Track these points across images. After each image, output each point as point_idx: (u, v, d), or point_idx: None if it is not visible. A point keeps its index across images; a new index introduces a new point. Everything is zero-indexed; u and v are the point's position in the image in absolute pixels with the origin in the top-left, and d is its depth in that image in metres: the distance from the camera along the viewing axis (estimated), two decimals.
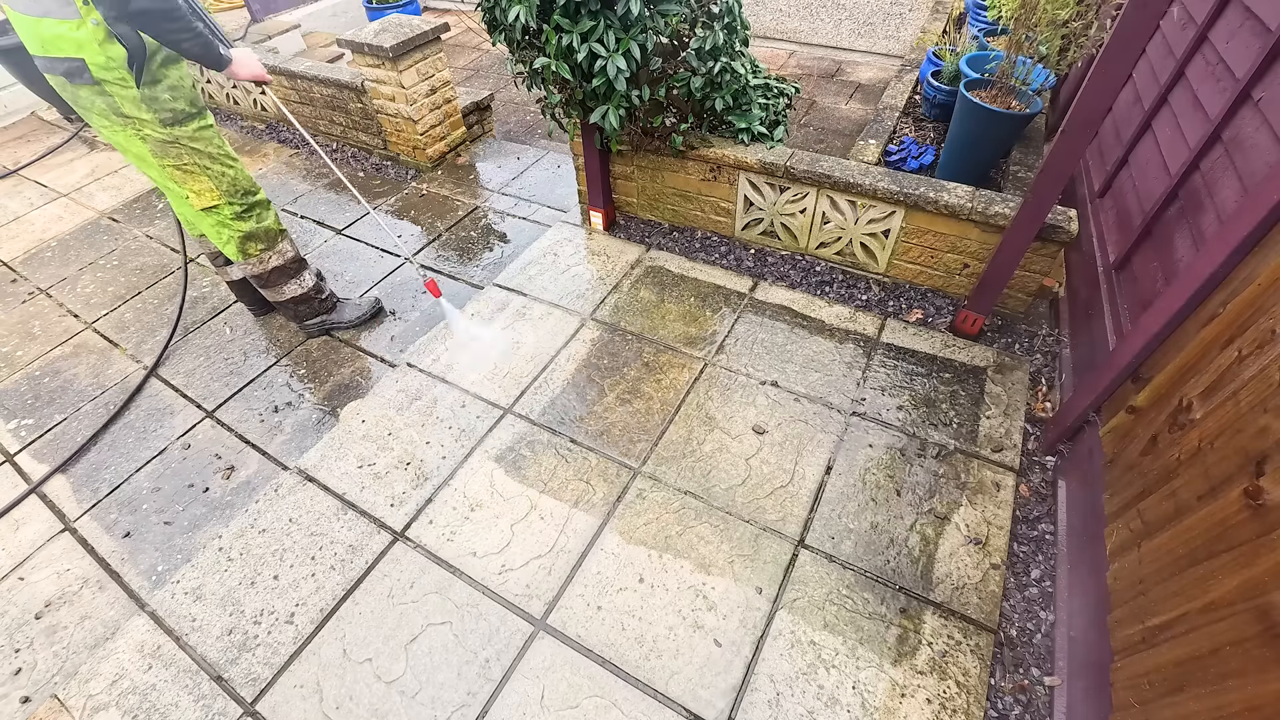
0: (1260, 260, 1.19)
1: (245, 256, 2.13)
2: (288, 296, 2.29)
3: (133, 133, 1.79)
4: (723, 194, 2.55)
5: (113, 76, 1.67)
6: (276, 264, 2.19)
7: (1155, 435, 1.35)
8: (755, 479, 1.81)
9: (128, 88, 1.70)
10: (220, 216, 2.02)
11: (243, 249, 2.10)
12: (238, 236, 2.07)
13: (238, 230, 2.06)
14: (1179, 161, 1.75)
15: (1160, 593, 1.16)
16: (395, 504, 1.81)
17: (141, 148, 1.83)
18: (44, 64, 1.67)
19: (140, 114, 1.75)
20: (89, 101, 1.73)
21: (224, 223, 2.03)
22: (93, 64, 1.63)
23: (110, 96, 1.70)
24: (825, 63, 4.71)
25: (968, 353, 2.13)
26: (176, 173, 1.89)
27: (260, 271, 2.18)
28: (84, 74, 1.65)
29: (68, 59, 1.62)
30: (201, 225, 2.07)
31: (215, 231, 2.06)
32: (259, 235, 2.11)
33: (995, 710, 1.39)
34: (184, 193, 1.95)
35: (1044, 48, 2.57)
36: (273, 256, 2.18)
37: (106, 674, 1.51)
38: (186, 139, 1.85)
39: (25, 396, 2.32)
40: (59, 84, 1.71)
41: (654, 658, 1.47)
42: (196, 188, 1.94)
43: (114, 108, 1.73)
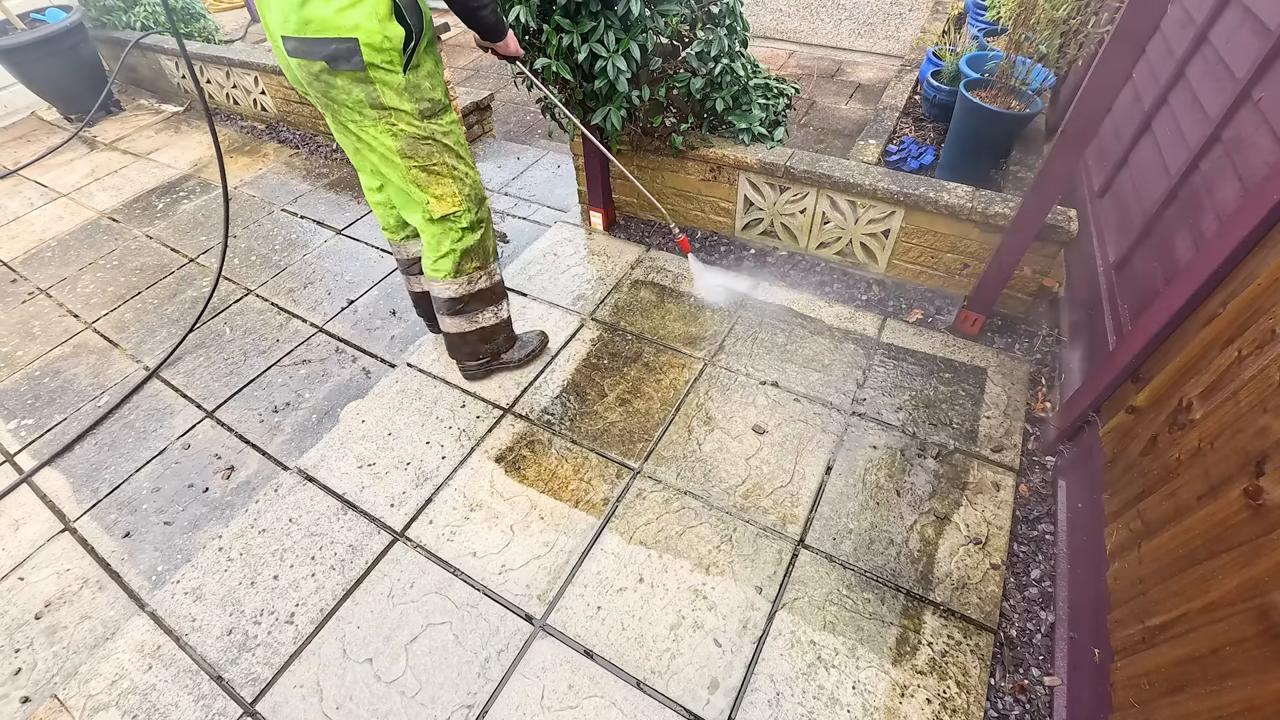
0: (1260, 260, 1.19)
1: (456, 275, 1.84)
2: (479, 326, 1.98)
3: (386, 127, 1.55)
4: (723, 194, 2.55)
5: (383, 60, 1.43)
6: (484, 286, 1.91)
7: (1155, 435, 1.35)
8: (755, 479, 1.81)
9: (394, 73, 1.47)
10: (453, 225, 1.75)
11: (458, 266, 1.82)
12: (459, 251, 1.80)
13: (465, 243, 1.79)
14: (1179, 161, 1.75)
15: (1160, 593, 1.16)
16: (395, 504, 1.81)
17: (390, 145, 1.58)
18: (298, 46, 1.40)
19: (401, 104, 1.52)
20: (344, 91, 1.48)
21: (453, 233, 1.77)
22: (367, 45, 1.38)
23: (373, 85, 1.46)
24: (825, 63, 4.71)
25: (968, 353, 2.13)
26: (421, 175, 1.64)
27: (464, 294, 1.88)
28: (353, 58, 1.40)
29: (337, 40, 1.37)
30: (426, 233, 1.79)
31: (438, 241, 1.79)
32: (477, 252, 1.84)
33: (995, 710, 1.39)
34: (424, 198, 1.68)
35: (1043, 47, 2.57)
36: (482, 277, 1.89)
37: (106, 674, 1.51)
38: (440, 134, 1.62)
39: (25, 396, 2.32)
40: (310, 71, 1.45)
41: (654, 658, 1.47)
42: (439, 192, 1.68)
43: (373, 98, 1.49)
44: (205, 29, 4.36)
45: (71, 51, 3.84)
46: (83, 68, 3.97)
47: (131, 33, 4.11)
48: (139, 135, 3.96)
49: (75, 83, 3.98)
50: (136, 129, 4.04)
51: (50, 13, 3.93)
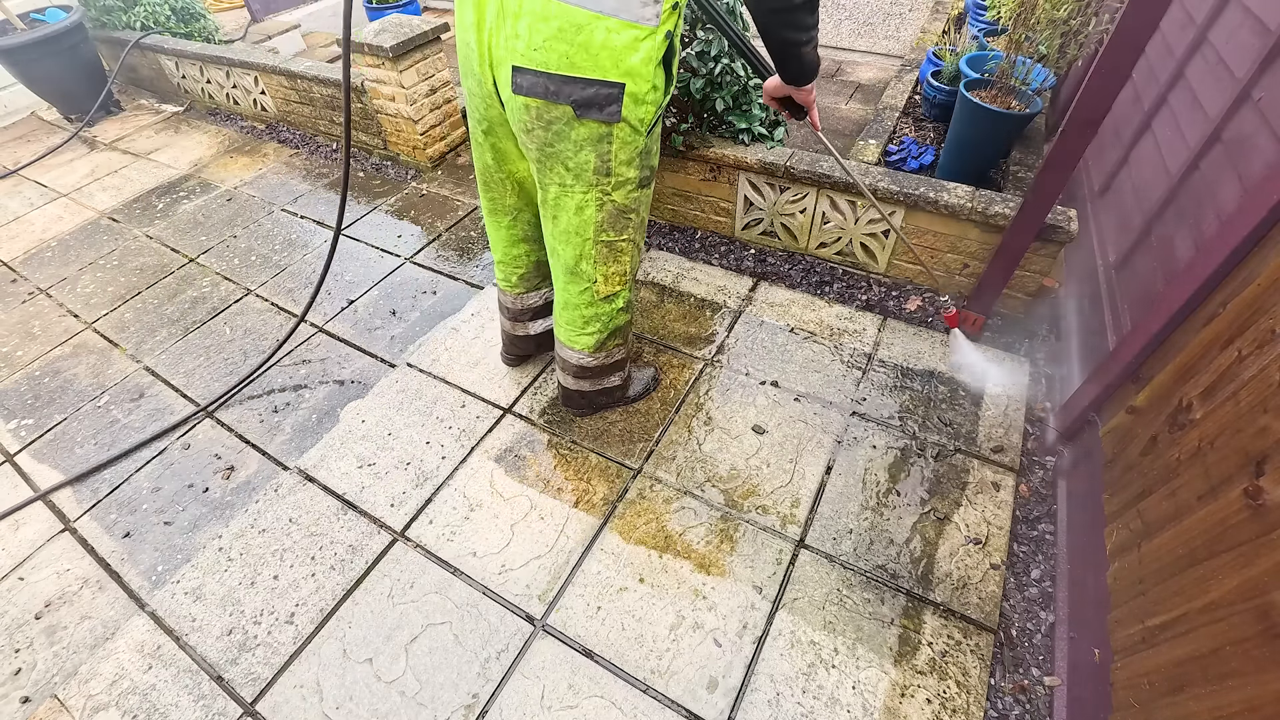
0: (1260, 260, 1.19)
1: (598, 350, 1.65)
2: (602, 388, 1.82)
3: (595, 197, 1.26)
4: (722, 194, 2.55)
5: (638, 116, 1.16)
6: (619, 358, 1.75)
7: (1155, 435, 1.35)
8: (755, 479, 1.81)
9: (639, 134, 1.18)
10: (610, 305, 1.55)
11: (603, 343, 1.63)
12: (609, 330, 1.60)
13: (616, 322, 1.59)
14: (1179, 161, 1.75)
15: (1160, 593, 1.16)
16: (395, 504, 1.81)
17: (590, 218, 1.30)
18: (539, 83, 1.09)
19: (628, 171, 1.25)
20: (572, 149, 1.18)
21: (607, 313, 1.56)
22: (633, 94, 1.11)
23: (612, 145, 1.18)
24: (825, 62, 4.71)
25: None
26: (605, 251, 1.38)
27: (598, 365, 1.70)
28: (610, 106, 1.11)
29: (601, 82, 1.08)
30: (576, 308, 1.55)
31: (586, 320, 1.56)
32: (624, 330, 1.65)
33: (995, 710, 1.39)
34: (595, 275, 1.43)
35: (1043, 47, 2.57)
36: (620, 350, 1.72)
37: (106, 674, 1.51)
38: (644, 204, 1.38)
39: (25, 396, 2.32)
40: (542, 117, 1.14)
41: (654, 658, 1.47)
42: (613, 270, 1.44)
43: (603, 162, 1.20)
44: (205, 29, 4.36)
45: (71, 51, 3.83)
46: (83, 68, 3.97)
47: (131, 33, 4.11)
48: (139, 135, 3.96)
49: (75, 83, 3.97)
50: (136, 129, 4.04)
51: (50, 13, 3.93)
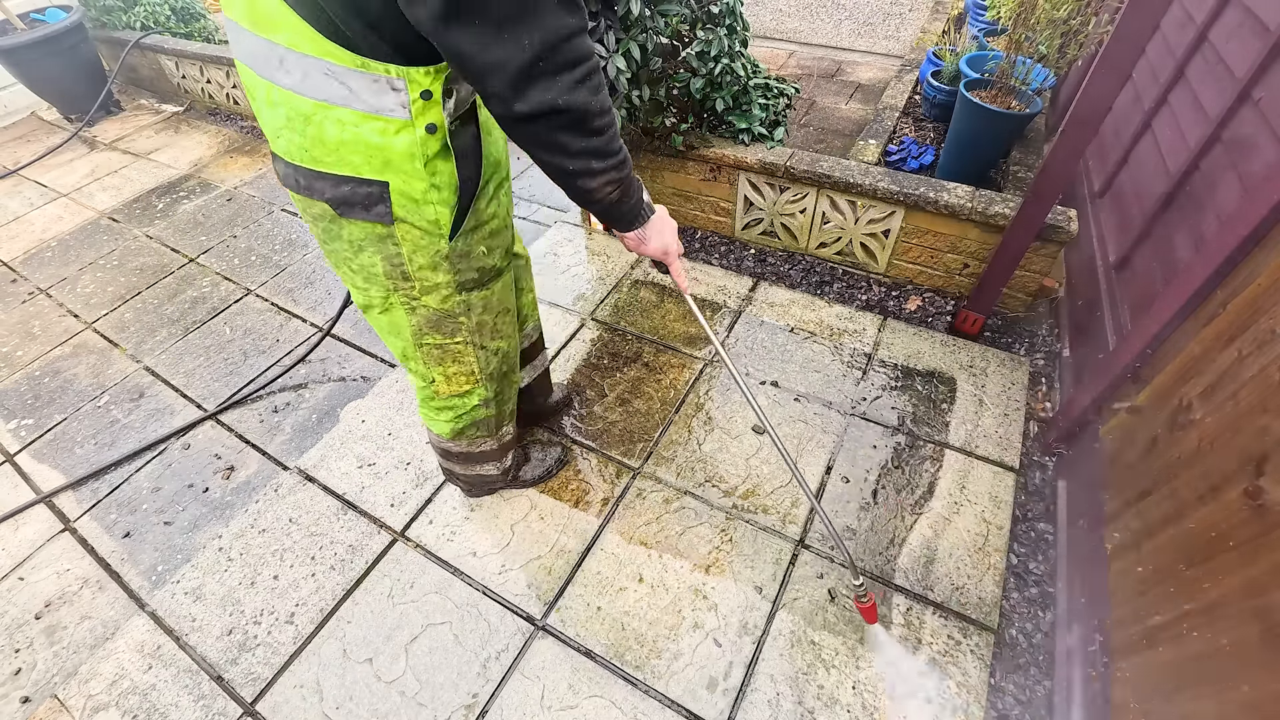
0: (1260, 260, 1.19)
1: (453, 438, 1.45)
2: (475, 474, 1.61)
3: (402, 301, 1.10)
4: (723, 194, 2.55)
5: (425, 219, 0.98)
6: (486, 449, 1.53)
7: (1155, 435, 1.35)
8: (755, 479, 1.81)
9: (436, 237, 1.01)
10: (460, 404, 1.36)
11: (458, 433, 1.44)
12: (463, 424, 1.41)
13: (471, 417, 1.41)
14: (1179, 161, 1.75)
15: (1160, 593, 1.16)
16: (395, 504, 1.81)
17: (403, 322, 1.15)
18: (298, 178, 0.95)
19: (433, 277, 1.07)
20: (351, 248, 1.02)
21: (465, 407, 1.37)
22: (401, 193, 0.94)
23: (401, 248, 1.01)
24: (825, 63, 4.71)
25: (968, 353, 2.13)
26: (435, 353, 1.22)
27: (464, 451, 1.51)
28: (375, 207, 0.94)
29: (354, 180, 0.92)
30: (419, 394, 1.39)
31: (438, 406, 1.38)
32: (486, 424, 1.44)
33: (995, 710, 1.39)
34: (430, 375, 1.28)
35: (1043, 47, 2.57)
36: (487, 441, 1.50)
37: (106, 674, 1.51)
38: (479, 307, 1.18)
39: (25, 396, 2.32)
40: (305, 210, 1.01)
41: (654, 658, 1.47)
42: (452, 371, 1.27)
43: (393, 267, 1.03)
44: (205, 29, 4.36)
45: (71, 51, 3.83)
46: (83, 68, 3.97)
47: (131, 33, 4.11)
48: (139, 135, 3.96)
49: (75, 83, 3.98)
50: (136, 129, 4.04)
51: (50, 13, 3.93)
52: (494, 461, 1.60)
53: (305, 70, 0.83)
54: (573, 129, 0.83)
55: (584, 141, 0.86)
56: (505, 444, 1.58)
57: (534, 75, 0.75)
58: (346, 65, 0.82)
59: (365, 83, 0.84)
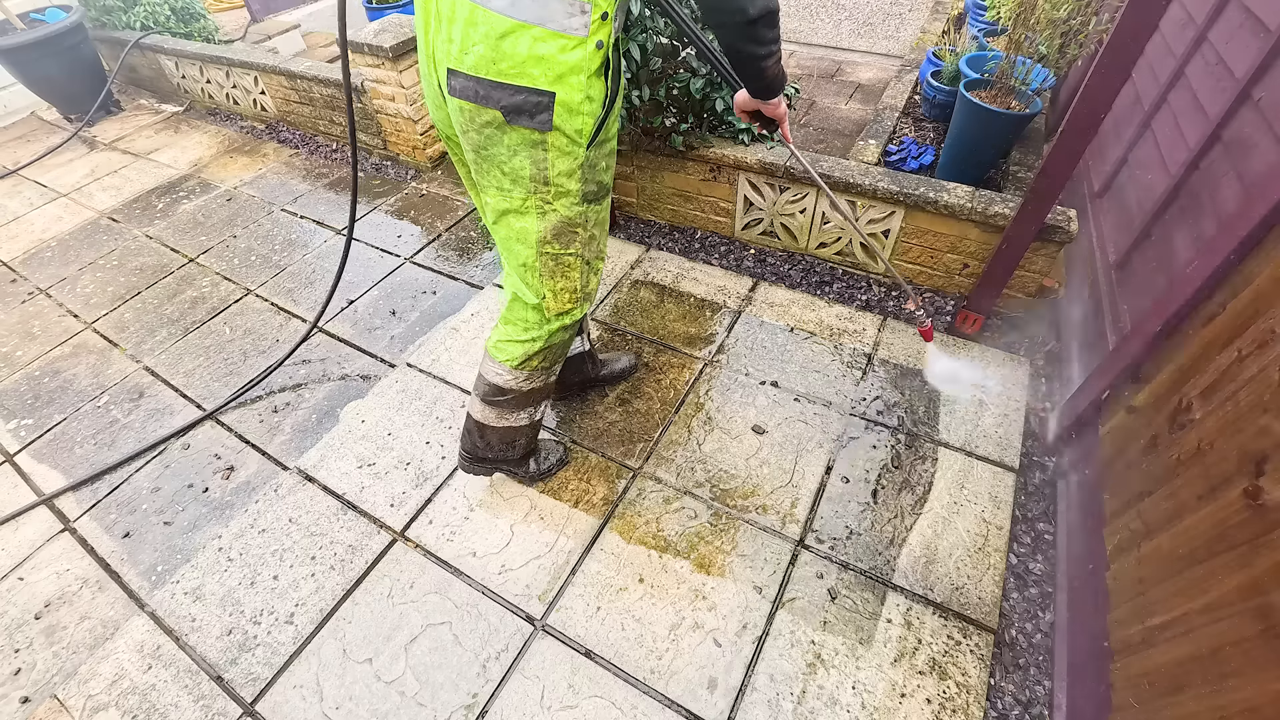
0: (1260, 260, 1.19)
1: (520, 366, 1.52)
2: (506, 425, 1.65)
3: (535, 204, 1.24)
4: (722, 194, 2.55)
5: (574, 127, 1.13)
6: (536, 386, 1.59)
7: (1155, 435, 1.35)
8: (755, 479, 1.81)
9: (578, 145, 1.16)
10: (556, 324, 1.46)
11: (528, 359, 1.51)
12: (541, 345, 1.49)
13: (554, 340, 1.49)
14: (1179, 161, 1.75)
15: (1160, 593, 1.16)
16: (395, 504, 1.81)
17: (533, 227, 1.27)
18: (469, 86, 1.09)
19: (569, 183, 1.21)
20: (508, 153, 1.17)
21: (550, 327, 1.46)
22: (565, 103, 1.09)
23: (548, 153, 1.16)
24: (825, 63, 4.71)
25: (967, 353, 2.13)
26: (552, 264, 1.34)
27: (513, 388, 1.57)
28: (540, 115, 1.10)
29: (529, 90, 1.07)
30: (519, 315, 1.47)
31: (526, 327, 1.48)
32: (556, 351, 1.54)
33: (995, 710, 1.39)
34: (543, 290, 1.38)
35: (1043, 47, 2.57)
36: (540, 377, 1.58)
37: (106, 674, 1.51)
38: (593, 220, 1.33)
39: (25, 396, 2.32)
40: (475, 120, 1.14)
41: (654, 658, 1.47)
42: (560, 286, 1.38)
43: (539, 170, 1.18)
44: (205, 29, 4.36)
45: (71, 51, 3.83)
46: (82, 68, 3.97)
47: (131, 33, 4.11)
48: (139, 135, 3.96)
49: (75, 83, 3.97)
50: (136, 129, 4.04)
51: (50, 13, 3.93)
52: (530, 408, 1.66)
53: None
54: (771, 25, 1.14)
55: (773, 32, 1.16)
56: (549, 385, 1.66)
57: None
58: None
59: (563, 6, 1.02)
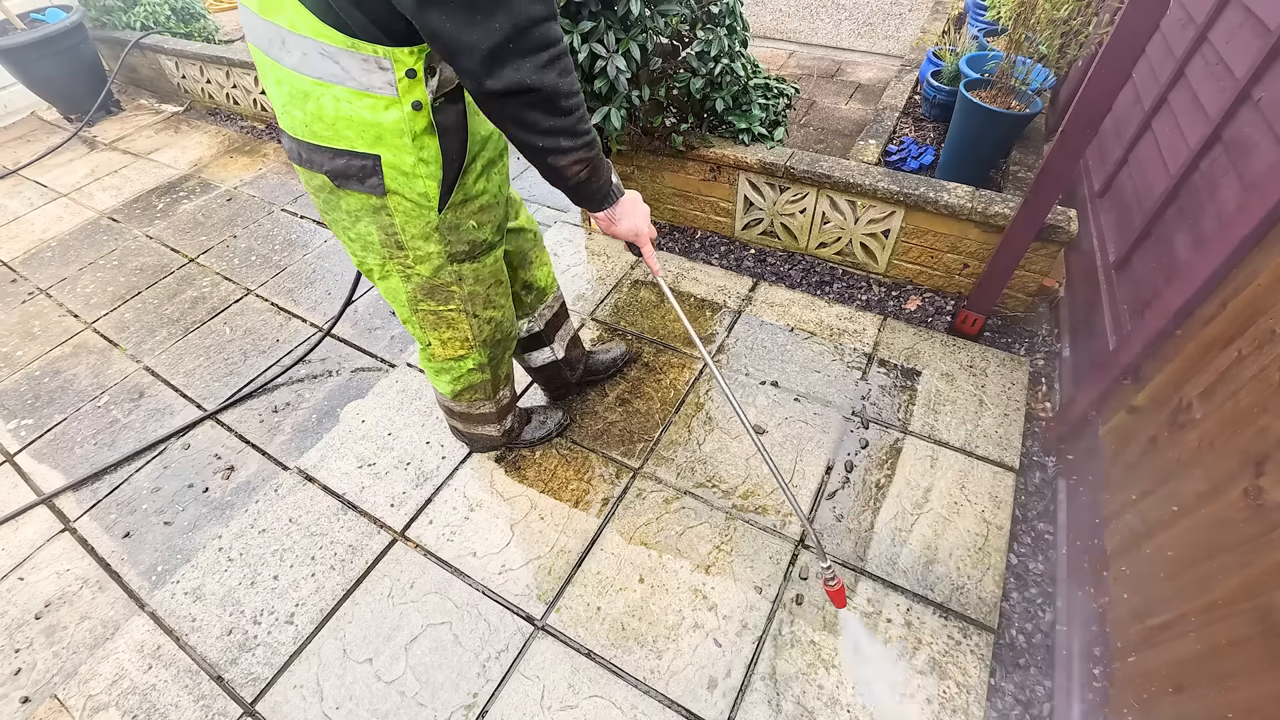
0: (1260, 260, 1.19)
1: (456, 397, 1.54)
2: (478, 432, 1.71)
3: (397, 269, 1.19)
4: (722, 194, 2.55)
5: (415, 191, 1.06)
6: (484, 411, 1.62)
7: (1155, 435, 1.35)
8: (755, 479, 1.81)
9: (426, 209, 1.09)
10: (456, 368, 1.46)
11: (457, 394, 1.53)
12: (460, 386, 1.52)
13: (467, 381, 1.51)
14: (1179, 161, 1.75)
15: (1160, 593, 1.16)
16: (395, 504, 1.81)
17: (399, 287, 1.23)
18: (295, 149, 1.05)
19: (425, 247, 1.15)
20: (347, 219, 1.11)
21: (452, 372, 1.47)
22: (392, 166, 1.01)
23: (394, 218, 1.08)
24: (825, 63, 4.71)
25: (967, 353, 2.13)
26: (430, 318, 1.32)
27: (463, 411, 1.61)
28: (369, 179, 1.02)
29: (349, 153, 1.00)
30: (420, 354, 1.49)
31: (432, 370, 1.50)
32: (481, 388, 1.54)
33: (995, 710, 1.39)
34: (427, 339, 1.38)
35: (1043, 47, 2.57)
36: (485, 405, 1.60)
37: (106, 674, 1.51)
38: (470, 278, 1.26)
39: (25, 396, 2.32)
40: (307, 181, 1.09)
41: (654, 658, 1.47)
42: (447, 336, 1.37)
43: (389, 236, 1.11)
44: (205, 29, 4.36)
45: (71, 51, 3.84)
46: (82, 68, 3.97)
47: (131, 33, 4.11)
48: (139, 135, 3.96)
49: (75, 83, 3.98)
50: (136, 129, 4.04)
51: (50, 13, 3.93)
52: (494, 424, 1.70)
53: (304, 50, 0.91)
54: (541, 107, 0.90)
55: (552, 120, 0.92)
56: (503, 408, 1.66)
57: (504, 56, 0.82)
58: (339, 45, 0.89)
59: (356, 62, 0.90)
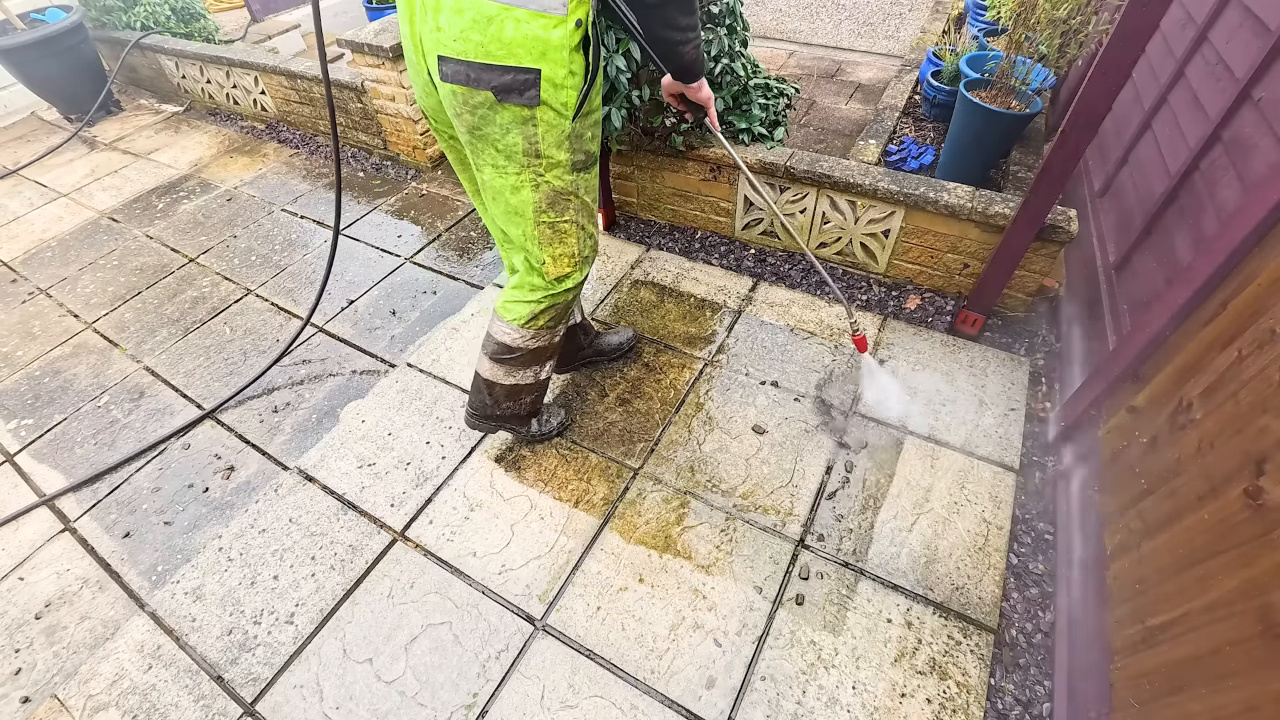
0: (1260, 260, 1.19)
1: (526, 324, 1.59)
2: (513, 382, 1.72)
3: (530, 177, 1.31)
4: (722, 194, 2.55)
5: (560, 101, 1.20)
6: (541, 345, 1.66)
7: (1155, 435, 1.35)
8: (755, 479, 1.81)
9: (564, 117, 1.23)
10: (559, 288, 1.53)
11: (534, 318, 1.58)
12: (545, 305, 1.56)
13: (558, 300, 1.56)
14: (1179, 161, 1.75)
15: (1160, 593, 1.16)
16: (395, 504, 1.81)
17: (528, 199, 1.34)
18: (461, 71, 1.16)
19: (558, 154, 1.28)
20: (501, 130, 1.23)
21: (554, 290, 1.53)
22: (550, 79, 1.16)
23: (538, 128, 1.23)
24: (825, 63, 4.71)
25: (967, 353, 2.13)
26: (549, 233, 1.41)
27: (519, 345, 1.63)
28: (528, 91, 1.16)
29: (516, 69, 1.13)
30: (523, 279, 1.55)
31: (531, 289, 1.55)
32: (560, 311, 1.61)
33: (995, 710, 1.39)
34: (542, 257, 1.46)
35: (1043, 47, 2.57)
36: (545, 335, 1.65)
37: (106, 674, 1.51)
38: (583, 188, 1.40)
39: (25, 396, 2.32)
40: (469, 102, 1.20)
41: (654, 658, 1.47)
42: (559, 252, 1.46)
43: (530, 144, 1.25)
44: (205, 29, 4.36)
45: (71, 51, 3.83)
46: (83, 68, 3.97)
47: (131, 33, 4.11)
48: (139, 135, 3.96)
49: (75, 83, 3.98)
50: (136, 129, 4.04)
51: (50, 13, 3.93)
52: (536, 366, 1.73)
53: None
54: (682, 9, 1.22)
55: (687, 18, 1.25)
56: (554, 345, 1.72)
57: None
58: None
59: None
